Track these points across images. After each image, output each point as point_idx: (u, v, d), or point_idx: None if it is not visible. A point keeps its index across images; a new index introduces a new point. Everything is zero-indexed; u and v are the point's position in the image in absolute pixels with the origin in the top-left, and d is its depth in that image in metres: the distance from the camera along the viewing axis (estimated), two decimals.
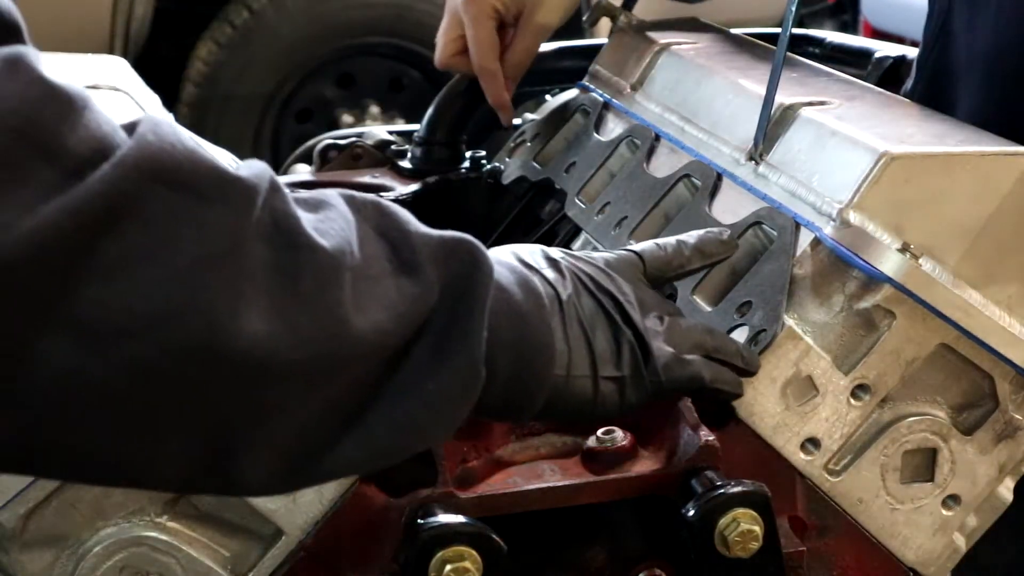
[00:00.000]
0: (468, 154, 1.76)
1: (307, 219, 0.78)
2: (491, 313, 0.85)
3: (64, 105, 0.69)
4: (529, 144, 1.67)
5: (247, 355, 0.72)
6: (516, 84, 1.63)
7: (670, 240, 1.07)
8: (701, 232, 1.09)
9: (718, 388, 1.03)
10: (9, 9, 0.70)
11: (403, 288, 0.81)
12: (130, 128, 0.72)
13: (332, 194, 0.83)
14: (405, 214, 0.85)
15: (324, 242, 0.77)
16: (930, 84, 1.43)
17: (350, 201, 0.83)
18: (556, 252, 0.98)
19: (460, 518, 0.99)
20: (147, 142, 0.70)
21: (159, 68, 3.75)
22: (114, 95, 1.40)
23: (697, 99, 1.40)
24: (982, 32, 1.34)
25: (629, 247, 1.05)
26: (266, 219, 0.74)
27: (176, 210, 0.70)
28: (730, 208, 1.24)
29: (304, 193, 0.82)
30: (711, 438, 1.06)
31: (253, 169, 0.76)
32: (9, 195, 0.65)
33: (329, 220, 0.79)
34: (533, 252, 0.97)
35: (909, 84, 1.48)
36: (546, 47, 1.85)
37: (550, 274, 0.95)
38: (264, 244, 0.74)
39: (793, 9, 1.21)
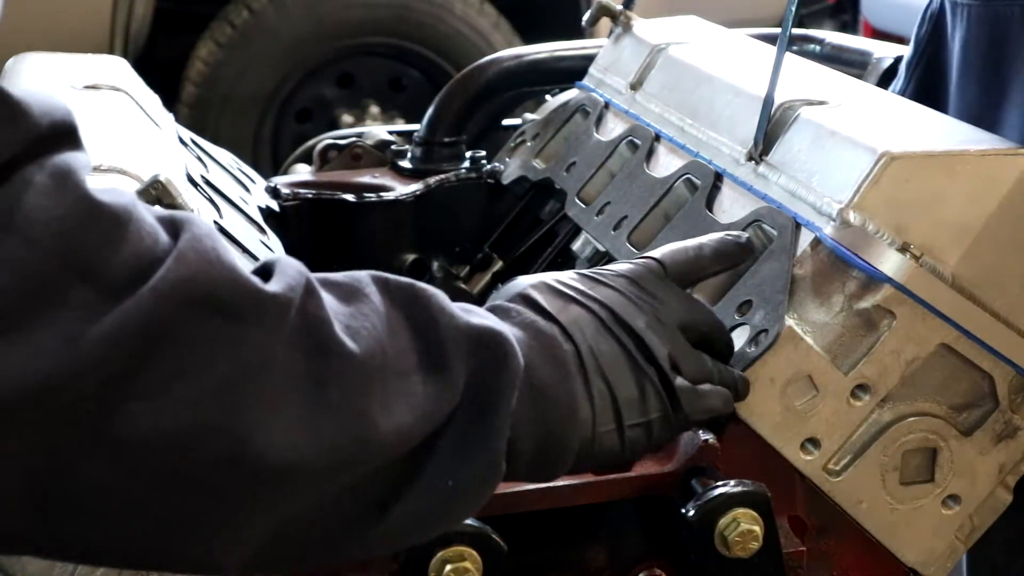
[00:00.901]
0: (468, 154, 1.76)
1: (339, 317, 0.80)
2: (516, 398, 0.87)
3: (107, 225, 0.71)
4: (529, 144, 1.67)
5: (272, 465, 0.76)
6: None
7: (689, 244, 1.07)
8: (719, 235, 1.09)
9: (723, 415, 1.03)
10: (64, 113, 0.73)
11: (429, 387, 0.83)
12: (172, 227, 0.74)
13: (366, 281, 0.85)
14: (438, 299, 0.86)
15: (354, 346, 0.79)
16: (920, 86, 1.43)
17: (383, 287, 0.85)
18: (579, 281, 0.98)
19: None
20: (186, 262, 0.73)
21: (159, 68, 3.75)
22: (114, 95, 1.40)
23: (697, 99, 1.40)
24: (959, 35, 1.35)
25: (648, 254, 1.04)
26: (298, 326, 0.77)
27: (211, 332, 0.73)
28: (730, 208, 1.24)
29: (340, 277, 0.84)
30: (711, 438, 1.06)
31: (287, 277, 0.78)
32: (49, 319, 0.68)
33: (362, 316, 0.82)
34: (551, 287, 0.97)
35: (897, 86, 1.48)
36: (546, 47, 1.86)
37: (570, 315, 0.95)
38: (295, 352, 0.77)
39: (793, 9, 1.21)
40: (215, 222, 1.21)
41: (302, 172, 1.81)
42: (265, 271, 0.80)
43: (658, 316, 0.98)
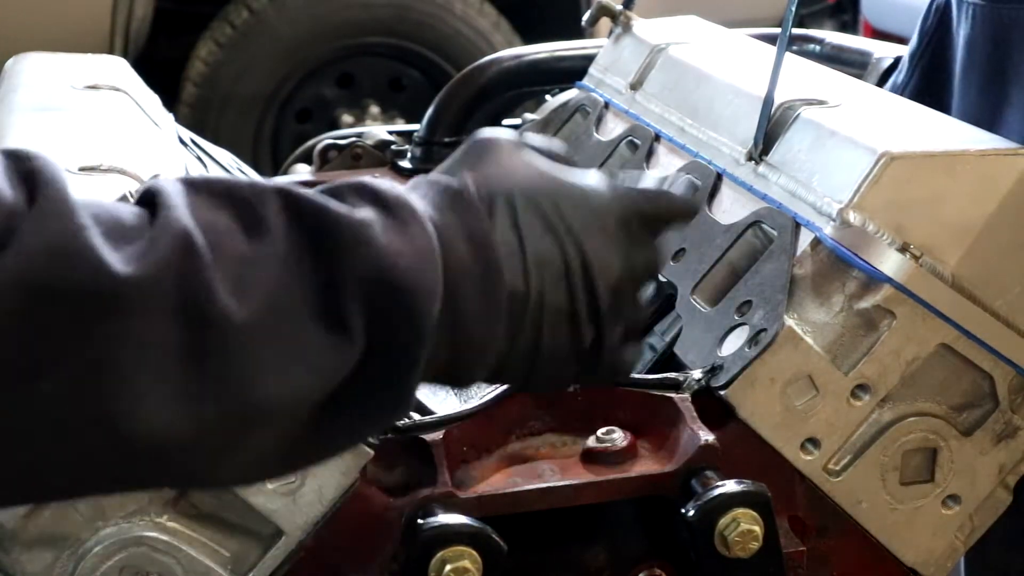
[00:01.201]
0: None
1: (229, 267, 0.74)
2: (431, 330, 0.80)
3: None
4: None
5: (148, 447, 0.72)
6: None
7: (663, 190, 0.95)
8: (684, 185, 0.97)
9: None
10: None
11: (328, 339, 0.77)
12: (29, 192, 0.70)
13: (272, 205, 0.77)
14: (351, 231, 0.78)
15: (240, 309, 0.74)
16: (924, 80, 1.43)
17: (292, 214, 0.77)
18: (574, 204, 0.88)
19: (460, 518, 0.99)
20: (28, 249, 0.68)
21: (159, 68, 3.75)
22: (114, 95, 1.40)
23: (697, 99, 1.40)
24: (963, 33, 1.35)
25: (635, 189, 0.94)
26: (172, 295, 0.72)
27: (59, 326, 0.69)
28: (730, 208, 1.24)
29: (246, 193, 0.77)
30: (711, 438, 1.06)
31: (161, 245, 0.72)
32: None
33: (257, 262, 0.75)
34: (537, 205, 0.87)
35: (899, 78, 1.48)
36: (546, 47, 1.86)
37: (540, 251, 0.86)
38: (168, 328, 0.72)
39: (793, 9, 1.21)
40: None
41: (302, 172, 1.82)
42: (148, 201, 0.74)
43: (629, 269, 0.91)
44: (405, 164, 1.76)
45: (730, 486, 1.03)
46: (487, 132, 0.93)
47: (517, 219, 0.86)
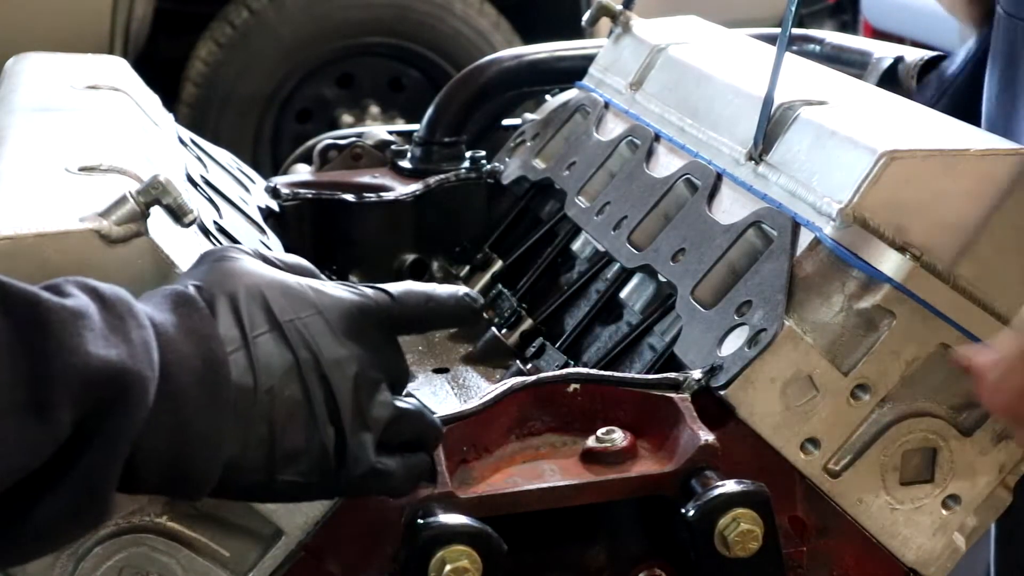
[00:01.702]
0: (468, 154, 1.76)
1: None
2: (151, 425, 0.81)
3: None
4: (529, 144, 1.67)
5: None
6: None
7: (427, 293, 0.96)
8: (458, 295, 0.98)
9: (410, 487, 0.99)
10: None
11: (25, 430, 0.75)
12: None
13: None
14: (61, 325, 0.77)
15: None
16: (971, 76, 1.44)
17: (3, 302, 0.76)
18: (299, 307, 0.89)
19: (460, 518, 0.99)
20: None
21: (159, 68, 3.75)
22: (114, 95, 1.40)
23: (697, 99, 1.40)
24: (995, 35, 1.36)
25: (387, 290, 0.95)
26: None
27: None
28: (730, 208, 1.24)
29: None
30: (711, 438, 1.06)
31: None
32: None
33: None
34: (266, 302, 0.88)
35: (952, 67, 1.48)
36: (546, 47, 1.86)
37: (264, 350, 0.87)
38: None
39: (793, 9, 1.21)
40: (215, 222, 1.21)
41: (302, 172, 1.81)
42: None
43: (366, 369, 0.91)
44: (405, 164, 1.76)
45: (730, 486, 1.03)
46: (218, 247, 0.94)
47: (241, 316, 0.87)
